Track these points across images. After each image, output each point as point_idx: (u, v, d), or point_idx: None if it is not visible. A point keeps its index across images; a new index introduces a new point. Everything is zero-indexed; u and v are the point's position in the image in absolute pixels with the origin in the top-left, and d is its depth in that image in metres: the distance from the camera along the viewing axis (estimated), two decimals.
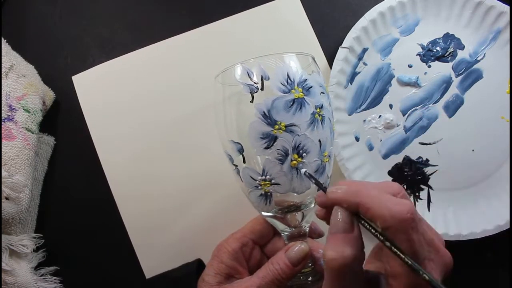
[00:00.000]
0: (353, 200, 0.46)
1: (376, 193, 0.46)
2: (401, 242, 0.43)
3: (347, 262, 0.45)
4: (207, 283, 0.62)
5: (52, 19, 0.85)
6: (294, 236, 0.61)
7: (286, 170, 0.55)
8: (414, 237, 0.43)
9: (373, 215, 0.44)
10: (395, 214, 0.42)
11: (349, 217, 0.47)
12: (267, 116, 0.53)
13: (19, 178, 0.70)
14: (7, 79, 0.75)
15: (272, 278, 0.58)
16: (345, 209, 0.47)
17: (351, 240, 0.46)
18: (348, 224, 0.47)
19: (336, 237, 0.46)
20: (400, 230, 0.42)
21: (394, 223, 0.42)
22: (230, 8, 0.83)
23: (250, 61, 0.56)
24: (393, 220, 0.42)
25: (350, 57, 0.78)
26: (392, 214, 0.42)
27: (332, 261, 0.45)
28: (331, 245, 0.46)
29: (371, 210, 0.44)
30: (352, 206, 0.46)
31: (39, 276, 0.73)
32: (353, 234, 0.46)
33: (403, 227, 0.42)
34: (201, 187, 0.79)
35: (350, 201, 0.46)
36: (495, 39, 0.78)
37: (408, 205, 0.43)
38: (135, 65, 0.82)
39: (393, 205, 0.43)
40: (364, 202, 0.45)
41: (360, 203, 0.45)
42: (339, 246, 0.45)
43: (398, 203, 0.44)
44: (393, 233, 0.43)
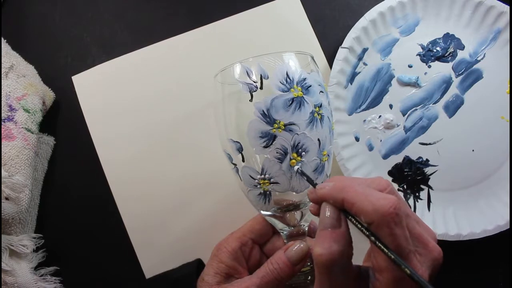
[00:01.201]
0: (339, 196, 0.47)
1: (362, 188, 0.46)
2: (385, 236, 0.43)
3: (334, 258, 0.45)
4: (207, 283, 0.62)
5: (52, 19, 0.85)
6: (293, 235, 0.61)
7: (285, 169, 0.55)
8: (397, 232, 0.43)
9: (357, 210, 0.45)
10: (378, 209, 0.43)
11: (336, 213, 0.48)
12: (266, 115, 0.53)
13: (19, 178, 0.70)
14: (7, 79, 0.75)
15: (271, 278, 0.58)
16: (332, 204, 0.48)
17: (338, 236, 0.47)
18: (336, 220, 0.48)
19: (324, 233, 0.47)
20: (383, 224, 0.43)
21: (377, 217, 0.43)
22: (230, 8, 0.83)
23: (249, 60, 0.56)
24: (375, 214, 0.43)
25: (350, 57, 0.78)
26: (375, 208, 0.43)
27: (320, 257, 0.46)
28: (318, 241, 0.47)
29: (355, 205, 0.45)
30: (338, 202, 0.47)
31: (39, 276, 0.73)
32: (340, 230, 0.47)
33: (385, 221, 0.43)
34: (200, 186, 0.79)
35: (336, 196, 0.47)
36: (495, 39, 0.78)
37: (392, 200, 0.43)
38: (135, 65, 0.82)
39: (376, 199, 0.44)
40: (349, 197, 0.46)
41: (345, 199, 0.46)
42: (326, 243, 0.46)
43: (382, 197, 0.44)
44: (376, 227, 0.43)
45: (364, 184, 0.48)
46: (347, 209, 0.47)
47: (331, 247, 0.46)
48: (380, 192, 0.46)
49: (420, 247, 0.46)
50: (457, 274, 0.77)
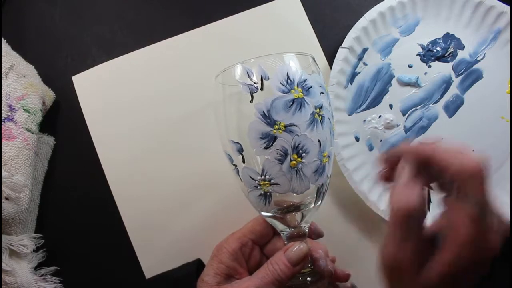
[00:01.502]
0: (428, 151, 0.49)
1: (448, 147, 0.48)
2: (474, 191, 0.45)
3: (410, 210, 0.47)
4: (207, 283, 0.62)
5: (52, 19, 0.85)
6: (294, 236, 0.61)
7: (285, 170, 0.55)
8: (485, 187, 0.45)
9: (447, 165, 0.46)
10: (468, 164, 0.45)
11: (416, 170, 0.50)
12: (267, 116, 0.53)
13: (19, 178, 0.70)
14: (7, 79, 0.75)
15: (271, 279, 0.58)
16: (415, 160, 0.50)
17: (415, 191, 0.48)
18: (415, 176, 0.50)
19: (403, 188, 0.49)
20: (474, 177, 0.44)
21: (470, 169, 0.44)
22: (230, 8, 0.83)
23: (250, 61, 0.56)
24: (466, 169, 0.45)
25: (350, 57, 0.78)
26: (466, 164, 0.45)
27: (398, 209, 0.47)
28: (397, 194, 0.49)
29: (445, 161, 0.47)
30: (425, 157, 0.49)
31: (39, 276, 0.73)
32: (418, 186, 0.49)
33: (475, 175, 0.44)
34: (201, 187, 0.79)
35: (425, 151, 0.49)
36: (495, 39, 0.78)
37: (479, 160, 0.45)
38: (135, 65, 0.82)
39: (465, 157, 0.45)
40: (438, 153, 0.47)
41: (433, 154, 0.48)
42: (405, 195, 0.48)
43: (470, 157, 0.45)
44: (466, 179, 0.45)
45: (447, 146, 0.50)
46: (433, 165, 0.48)
47: (408, 199, 0.47)
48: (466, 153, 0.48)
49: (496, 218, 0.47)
50: None
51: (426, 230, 0.50)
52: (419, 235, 0.48)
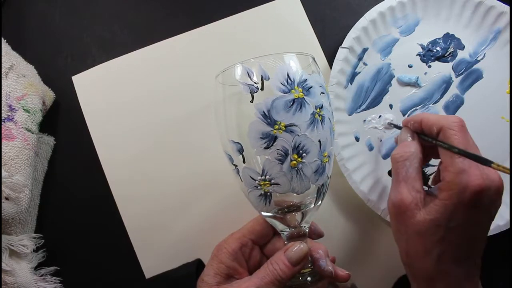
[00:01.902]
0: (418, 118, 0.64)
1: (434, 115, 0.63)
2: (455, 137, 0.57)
3: (406, 155, 0.61)
4: (207, 283, 0.62)
5: (52, 19, 0.85)
6: (294, 236, 0.61)
7: (285, 170, 0.55)
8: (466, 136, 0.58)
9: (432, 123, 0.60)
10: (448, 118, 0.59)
11: (411, 132, 0.65)
12: (267, 116, 0.53)
13: (19, 178, 0.70)
14: (7, 79, 0.75)
15: (271, 278, 0.58)
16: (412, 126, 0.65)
17: (411, 143, 0.63)
18: (411, 136, 0.64)
19: (402, 143, 0.64)
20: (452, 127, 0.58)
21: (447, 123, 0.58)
22: (230, 8, 0.83)
23: (250, 61, 0.56)
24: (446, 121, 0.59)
25: (350, 57, 0.78)
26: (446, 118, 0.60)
27: (396, 154, 0.62)
28: (398, 148, 0.63)
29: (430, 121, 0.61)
30: (417, 121, 0.63)
31: (39, 276, 0.73)
32: (414, 141, 0.63)
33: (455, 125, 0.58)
34: (200, 187, 0.79)
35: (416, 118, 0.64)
36: (495, 39, 0.78)
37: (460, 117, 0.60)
38: (135, 65, 0.82)
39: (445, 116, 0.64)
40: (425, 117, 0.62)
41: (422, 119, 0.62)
42: (402, 146, 0.62)
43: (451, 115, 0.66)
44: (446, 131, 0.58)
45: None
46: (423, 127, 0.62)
47: (404, 149, 0.61)
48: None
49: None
50: None
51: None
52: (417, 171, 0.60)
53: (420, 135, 0.64)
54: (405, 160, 0.60)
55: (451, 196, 0.54)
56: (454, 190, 0.54)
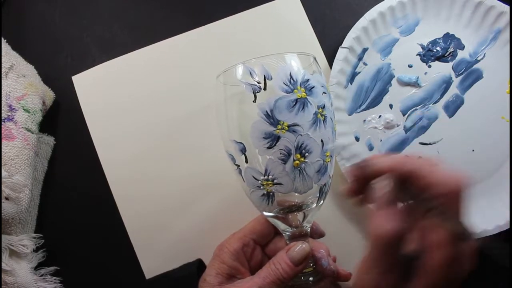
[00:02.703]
0: (405, 168, 0.47)
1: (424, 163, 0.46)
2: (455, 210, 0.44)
3: (391, 238, 0.46)
4: (209, 283, 0.62)
5: (52, 19, 0.85)
6: (296, 236, 0.61)
7: (288, 170, 0.55)
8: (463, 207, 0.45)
9: (427, 184, 0.45)
10: (451, 183, 0.44)
11: (396, 188, 0.49)
12: (270, 116, 0.53)
13: (19, 178, 0.70)
14: (7, 79, 0.75)
15: (273, 278, 0.58)
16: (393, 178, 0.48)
17: (396, 215, 0.47)
18: (395, 196, 0.49)
19: (385, 212, 0.48)
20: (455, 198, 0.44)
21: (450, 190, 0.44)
22: (230, 8, 0.83)
23: (252, 61, 0.56)
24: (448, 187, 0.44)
25: (350, 57, 0.78)
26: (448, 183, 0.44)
27: (379, 237, 0.46)
28: (380, 220, 0.47)
29: (426, 179, 0.45)
30: (403, 175, 0.47)
31: (39, 276, 0.73)
32: (397, 208, 0.48)
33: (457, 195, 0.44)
34: (201, 187, 0.78)
35: (402, 168, 0.47)
36: (495, 39, 0.78)
37: (460, 177, 0.44)
38: (135, 65, 0.82)
39: (446, 174, 0.44)
40: (417, 170, 0.46)
41: (412, 171, 0.46)
42: (388, 221, 0.47)
43: (450, 173, 0.44)
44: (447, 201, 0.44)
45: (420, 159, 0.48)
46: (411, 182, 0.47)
47: (392, 227, 0.46)
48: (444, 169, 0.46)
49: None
50: None
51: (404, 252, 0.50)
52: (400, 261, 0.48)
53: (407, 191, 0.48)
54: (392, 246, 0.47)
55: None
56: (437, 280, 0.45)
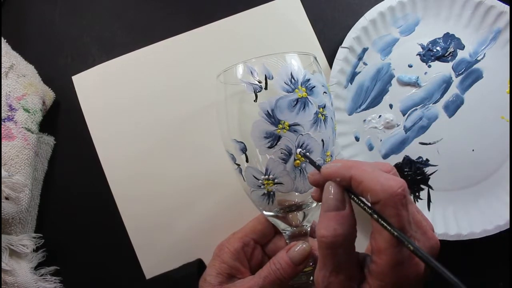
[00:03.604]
0: (347, 174, 0.46)
1: (369, 168, 0.46)
2: (390, 217, 0.43)
3: (338, 240, 0.46)
4: (209, 283, 0.62)
5: (52, 19, 0.85)
6: (296, 235, 0.61)
7: (289, 169, 0.55)
8: (403, 213, 0.43)
9: (365, 188, 0.44)
10: (387, 188, 0.43)
11: (341, 193, 0.48)
12: (271, 115, 0.53)
13: (19, 178, 0.70)
14: (7, 79, 0.75)
15: (274, 278, 0.58)
16: (338, 184, 0.48)
17: (343, 218, 0.47)
18: (340, 201, 0.47)
19: (328, 215, 0.47)
20: (390, 204, 0.43)
21: (385, 196, 0.43)
22: (230, 8, 0.83)
23: (252, 60, 0.56)
24: (384, 193, 0.43)
25: (350, 57, 0.78)
26: (384, 188, 0.43)
27: (324, 239, 0.46)
28: (323, 223, 0.47)
29: (363, 183, 0.45)
30: (345, 180, 0.47)
31: (39, 276, 0.73)
32: (345, 212, 0.47)
33: (393, 201, 0.43)
34: (201, 186, 0.78)
35: (344, 174, 0.47)
36: (495, 39, 0.78)
37: (400, 181, 0.43)
38: (135, 65, 0.82)
39: (385, 179, 0.43)
40: (358, 175, 0.45)
41: (353, 176, 0.46)
42: (331, 224, 0.46)
43: (391, 178, 0.44)
44: (383, 207, 0.43)
45: (370, 165, 0.48)
46: (353, 188, 0.47)
47: (335, 230, 0.46)
48: (388, 174, 0.46)
49: (419, 233, 0.46)
50: (456, 274, 0.77)
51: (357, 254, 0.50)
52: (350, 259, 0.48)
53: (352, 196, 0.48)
54: (336, 248, 0.46)
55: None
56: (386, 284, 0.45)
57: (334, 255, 0.46)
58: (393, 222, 0.43)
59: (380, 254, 0.44)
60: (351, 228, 0.47)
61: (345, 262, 0.47)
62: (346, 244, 0.47)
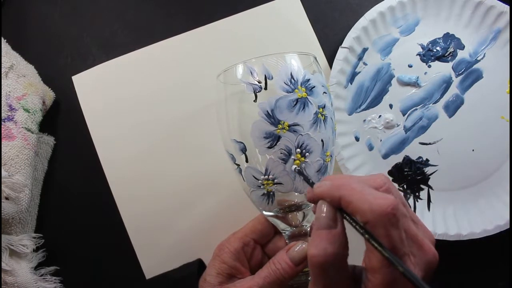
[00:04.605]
0: (336, 194, 0.46)
1: (359, 186, 0.46)
2: (380, 237, 0.43)
3: (329, 260, 0.45)
4: (209, 283, 0.62)
5: (52, 19, 0.85)
6: (295, 235, 0.61)
7: (289, 169, 0.55)
8: (393, 233, 0.43)
9: (353, 209, 0.44)
10: (375, 209, 0.42)
11: (333, 212, 0.47)
12: (271, 115, 0.53)
13: (19, 178, 0.70)
14: (7, 79, 0.75)
15: (274, 278, 0.58)
16: (329, 203, 0.48)
17: (334, 237, 0.46)
18: (331, 219, 0.47)
19: (319, 233, 0.47)
20: (379, 225, 0.42)
21: (373, 217, 0.43)
22: (230, 8, 0.83)
23: (252, 61, 0.56)
24: (372, 214, 0.43)
25: (350, 57, 0.78)
26: (372, 208, 0.43)
27: (314, 258, 0.46)
28: (314, 242, 0.47)
29: (352, 204, 0.44)
30: (335, 200, 0.46)
31: (39, 276, 0.73)
32: (336, 231, 0.47)
33: (381, 222, 0.42)
34: (201, 186, 0.79)
35: (333, 195, 0.46)
36: (495, 39, 0.78)
37: (390, 200, 0.43)
38: (135, 65, 0.82)
39: (373, 199, 0.43)
40: (346, 196, 0.45)
41: (342, 197, 0.46)
42: (321, 243, 0.46)
43: (380, 197, 0.44)
44: (372, 227, 0.43)
45: (362, 181, 0.47)
46: (343, 208, 0.46)
47: (326, 249, 0.46)
48: (378, 192, 0.46)
49: (414, 248, 0.46)
50: (456, 274, 0.77)
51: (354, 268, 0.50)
52: (342, 277, 0.47)
53: (344, 215, 0.47)
54: (327, 266, 0.46)
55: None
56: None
57: (325, 274, 0.46)
58: (384, 242, 0.43)
59: (374, 273, 0.44)
60: (341, 247, 0.47)
61: (336, 280, 0.47)
62: (337, 263, 0.46)
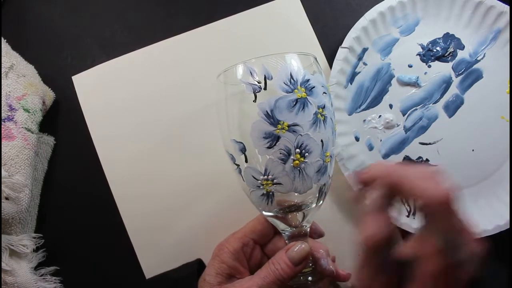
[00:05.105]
0: (393, 177, 0.47)
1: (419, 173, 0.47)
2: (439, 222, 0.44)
3: (383, 240, 0.47)
4: (208, 283, 0.62)
5: (52, 19, 0.85)
6: (295, 236, 0.61)
7: (288, 170, 0.55)
8: (453, 221, 0.44)
9: (417, 193, 0.45)
10: (438, 194, 0.43)
11: (387, 195, 0.49)
12: (270, 115, 0.53)
13: (19, 178, 0.70)
14: (7, 79, 0.75)
15: (273, 278, 0.58)
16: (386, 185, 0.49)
17: (388, 220, 0.48)
18: (386, 203, 0.49)
19: (373, 216, 0.48)
20: (441, 210, 0.44)
21: (436, 202, 0.44)
22: (230, 8, 0.83)
23: (252, 61, 0.56)
24: (434, 200, 0.44)
25: (350, 57, 0.78)
26: (434, 194, 0.44)
27: (369, 240, 0.47)
28: (368, 223, 0.48)
29: (416, 189, 0.45)
30: (396, 183, 0.47)
31: (39, 276, 0.73)
32: (387, 214, 0.48)
33: (443, 208, 0.43)
34: (201, 186, 0.78)
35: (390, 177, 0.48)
36: (495, 39, 0.78)
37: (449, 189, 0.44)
38: (135, 65, 0.82)
39: (435, 186, 0.44)
40: (410, 179, 0.46)
41: (405, 180, 0.46)
42: (375, 225, 0.47)
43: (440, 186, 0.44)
44: (433, 212, 0.44)
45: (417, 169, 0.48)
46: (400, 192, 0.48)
47: (382, 230, 0.47)
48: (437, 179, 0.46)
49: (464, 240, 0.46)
50: None
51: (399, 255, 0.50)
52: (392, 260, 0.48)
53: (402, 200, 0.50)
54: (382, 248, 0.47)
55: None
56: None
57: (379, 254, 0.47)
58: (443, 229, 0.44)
59: (429, 259, 0.45)
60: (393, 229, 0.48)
61: (389, 263, 0.48)
62: (389, 245, 0.48)
